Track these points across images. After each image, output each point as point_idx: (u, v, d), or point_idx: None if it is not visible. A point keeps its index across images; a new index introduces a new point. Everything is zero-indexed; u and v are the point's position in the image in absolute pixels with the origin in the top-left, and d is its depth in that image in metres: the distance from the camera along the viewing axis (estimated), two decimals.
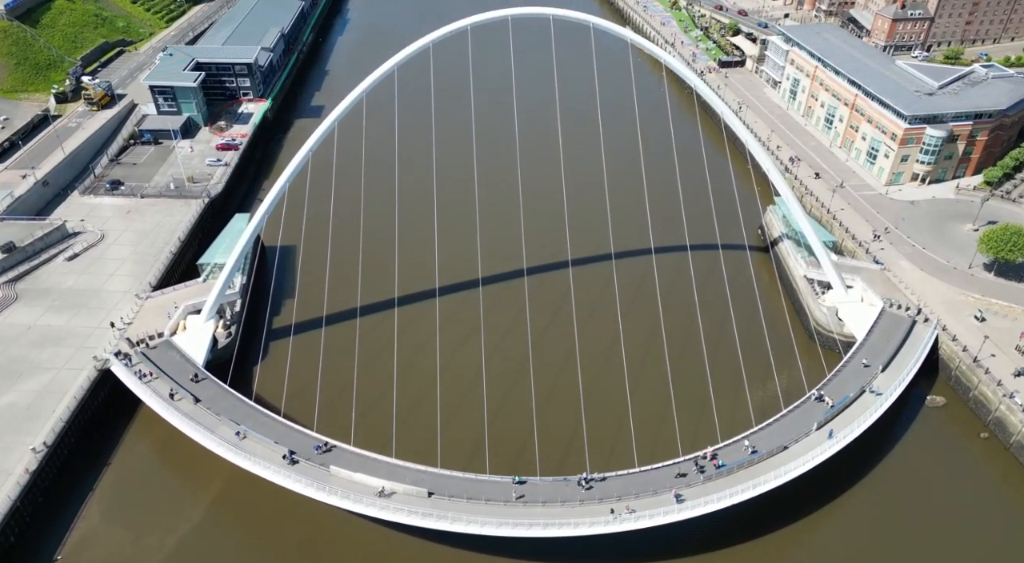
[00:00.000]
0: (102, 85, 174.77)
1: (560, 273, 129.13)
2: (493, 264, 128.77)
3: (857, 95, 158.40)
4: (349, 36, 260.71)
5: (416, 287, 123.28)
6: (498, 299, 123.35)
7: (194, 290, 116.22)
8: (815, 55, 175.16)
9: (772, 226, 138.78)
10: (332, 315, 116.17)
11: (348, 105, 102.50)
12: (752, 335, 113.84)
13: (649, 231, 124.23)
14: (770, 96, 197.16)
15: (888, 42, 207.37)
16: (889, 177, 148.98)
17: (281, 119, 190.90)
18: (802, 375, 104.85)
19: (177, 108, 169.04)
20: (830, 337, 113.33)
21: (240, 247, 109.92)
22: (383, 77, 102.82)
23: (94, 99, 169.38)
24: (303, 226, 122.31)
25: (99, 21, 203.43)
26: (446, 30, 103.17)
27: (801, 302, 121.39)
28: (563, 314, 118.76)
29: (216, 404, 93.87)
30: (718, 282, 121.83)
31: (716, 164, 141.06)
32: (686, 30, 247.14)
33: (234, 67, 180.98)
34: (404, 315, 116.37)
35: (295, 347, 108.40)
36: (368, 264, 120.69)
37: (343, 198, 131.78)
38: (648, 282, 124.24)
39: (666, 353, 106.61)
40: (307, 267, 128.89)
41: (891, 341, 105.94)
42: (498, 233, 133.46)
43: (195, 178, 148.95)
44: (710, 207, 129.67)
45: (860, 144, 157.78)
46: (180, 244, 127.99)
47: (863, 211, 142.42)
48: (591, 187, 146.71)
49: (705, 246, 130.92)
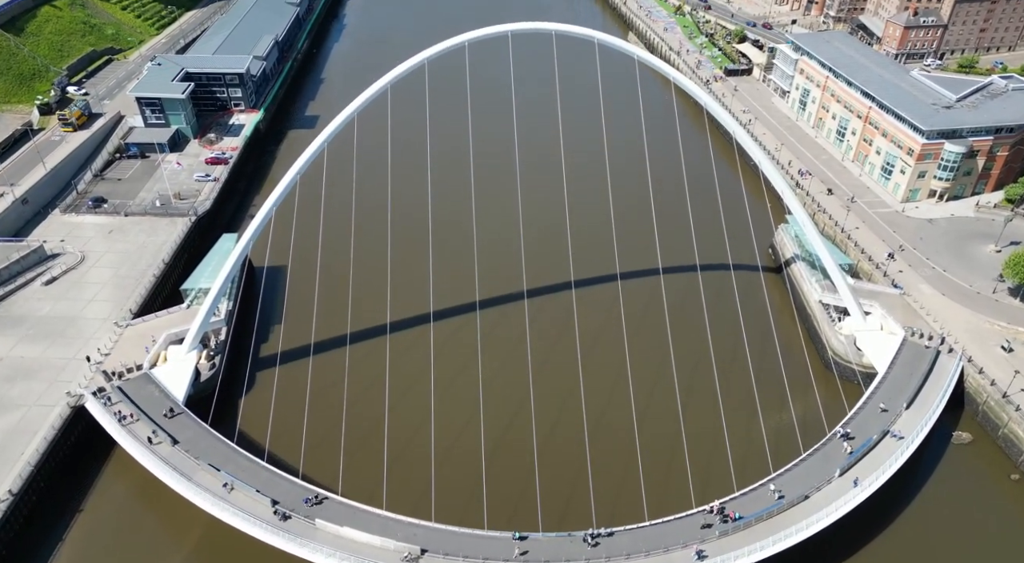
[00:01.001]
0: (79, 104, 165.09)
1: (562, 296, 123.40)
2: (491, 287, 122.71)
3: (871, 108, 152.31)
4: (345, 42, 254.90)
5: (409, 311, 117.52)
6: (496, 325, 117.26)
7: (177, 317, 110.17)
8: (826, 65, 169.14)
9: (784, 246, 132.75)
10: (321, 342, 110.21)
11: (338, 126, 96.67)
12: (766, 364, 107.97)
13: (657, 251, 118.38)
14: (778, 106, 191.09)
15: (900, 50, 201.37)
16: (906, 194, 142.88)
17: (274, 130, 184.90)
18: (820, 408, 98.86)
19: (165, 120, 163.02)
20: (848, 367, 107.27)
21: (226, 271, 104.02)
22: (376, 96, 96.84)
23: (69, 119, 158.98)
24: (291, 246, 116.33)
25: (87, 29, 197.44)
26: (442, 46, 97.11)
27: (816, 329, 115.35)
28: (565, 340, 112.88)
29: (196, 446, 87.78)
30: (729, 306, 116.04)
31: (725, 180, 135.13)
32: (691, 36, 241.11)
33: (225, 77, 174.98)
34: (396, 342, 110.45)
35: (282, 378, 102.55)
36: (359, 287, 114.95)
37: (334, 217, 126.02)
38: (655, 305, 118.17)
39: (676, 384, 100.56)
40: (296, 290, 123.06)
41: (914, 375, 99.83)
42: (496, 254, 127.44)
43: (182, 194, 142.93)
44: (720, 226, 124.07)
45: (874, 158, 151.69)
46: (164, 267, 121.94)
47: (879, 230, 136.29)
48: (595, 205, 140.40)
49: (714, 266, 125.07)
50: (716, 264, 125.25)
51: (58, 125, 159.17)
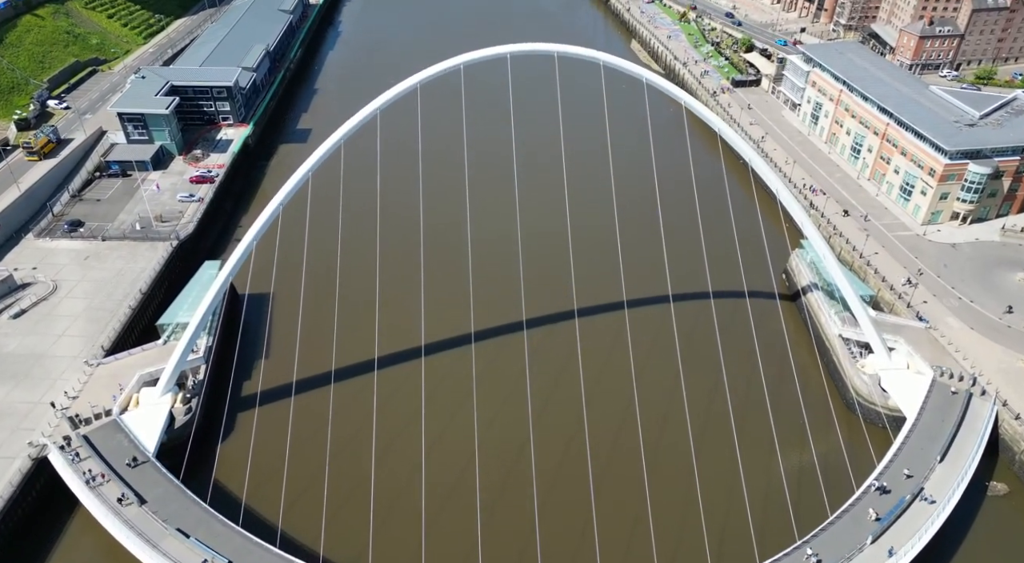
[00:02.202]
0: (45, 131, 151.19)
1: (565, 326, 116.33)
2: (487, 318, 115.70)
3: (888, 124, 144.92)
4: (340, 51, 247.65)
5: (399, 344, 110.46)
6: (493, 359, 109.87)
7: (152, 355, 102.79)
8: (839, 78, 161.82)
9: (799, 272, 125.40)
10: (305, 380, 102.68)
11: (323, 155, 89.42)
12: (784, 402, 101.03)
13: (666, 276, 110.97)
14: (789, 119, 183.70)
15: (914, 60, 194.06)
16: (926, 216, 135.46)
17: (264, 144, 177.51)
18: (844, 455, 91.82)
19: (148, 136, 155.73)
20: (873, 410, 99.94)
21: (205, 305, 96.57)
22: (364, 122, 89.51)
23: (35, 148, 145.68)
24: (273, 273, 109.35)
25: (70, 39, 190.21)
26: (436, 70, 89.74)
27: (836, 365, 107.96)
28: (568, 376, 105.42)
29: (165, 507, 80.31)
30: (742, 338, 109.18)
31: (737, 200, 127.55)
32: (696, 45, 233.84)
33: (212, 90, 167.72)
34: (384, 381, 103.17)
35: (262, 423, 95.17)
36: (345, 319, 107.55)
37: (320, 243, 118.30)
38: (664, 335, 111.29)
39: (688, 426, 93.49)
40: (280, 320, 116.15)
41: (946, 421, 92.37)
42: (493, 282, 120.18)
43: (164, 216, 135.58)
44: (733, 250, 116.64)
45: (892, 178, 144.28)
46: (141, 297, 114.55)
47: (899, 255, 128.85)
48: (599, 228, 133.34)
49: (727, 293, 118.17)
50: (728, 291, 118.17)
51: (22, 154, 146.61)
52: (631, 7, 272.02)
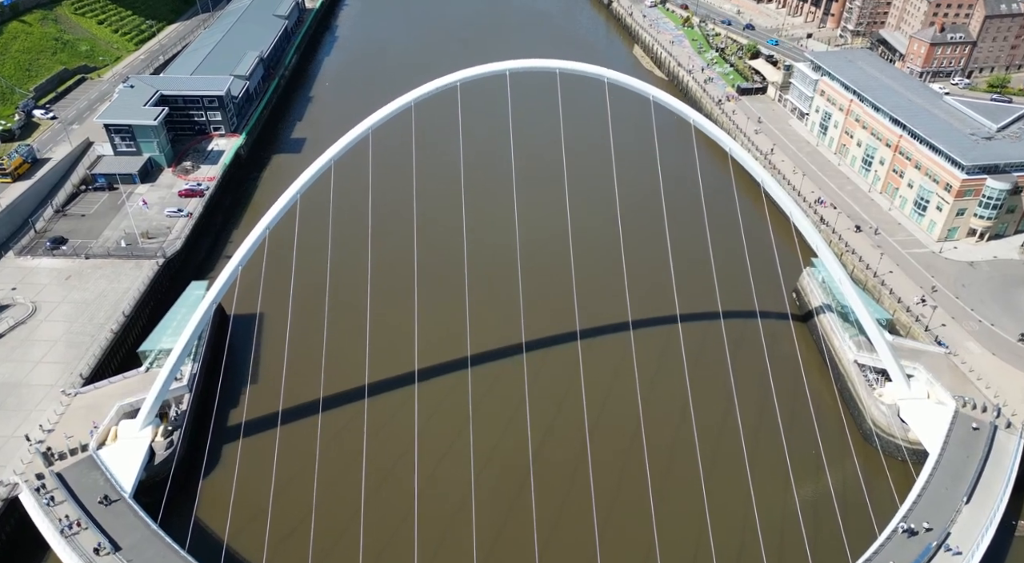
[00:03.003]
0: (20, 151, 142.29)
1: (566, 350, 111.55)
2: (484, 341, 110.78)
3: (901, 136, 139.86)
4: (337, 56, 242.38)
5: (391, 369, 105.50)
6: (491, 386, 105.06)
7: (133, 383, 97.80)
8: (849, 87, 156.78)
9: (810, 292, 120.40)
10: (292, 409, 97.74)
11: (313, 175, 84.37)
12: (798, 432, 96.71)
13: (674, 297, 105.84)
14: (796, 129, 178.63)
15: (925, 68, 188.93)
16: (942, 232, 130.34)
17: (257, 155, 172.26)
18: (864, 491, 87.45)
19: (136, 148, 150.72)
20: (892, 442, 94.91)
21: (189, 331, 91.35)
22: (355, 141, 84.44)
23: (7, 169, 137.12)
24: (260, 296, 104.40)
25: (58, 46, 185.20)
26: (431, 87, 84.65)
27: (852, 393, 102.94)
28: (570, 402, 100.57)
29: (141, 555, 75.26)
30: (753, 362, 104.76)
31: (746, 217, 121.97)
32: (700, 51, 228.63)
33: (203, 100, 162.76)
34: (376, 410, 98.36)
35: (247, 456, 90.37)
36: (335, 345, 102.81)
37: (309, 261, 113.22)
38: (671, 359, 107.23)
39: (698, 456, 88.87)
40: (268, 345, 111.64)
41: (971, 457, 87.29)
42: (491, 305, 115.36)
43: (151, 233, 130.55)
44: (743, 269, 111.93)
45: (906, 192, 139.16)
46: (124, 320, 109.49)
47: (914, 274, 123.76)
48: (602, 246, 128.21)
49: (737, 314, 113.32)
50: (737, 311, 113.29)
51: None
52: (633, 11, 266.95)
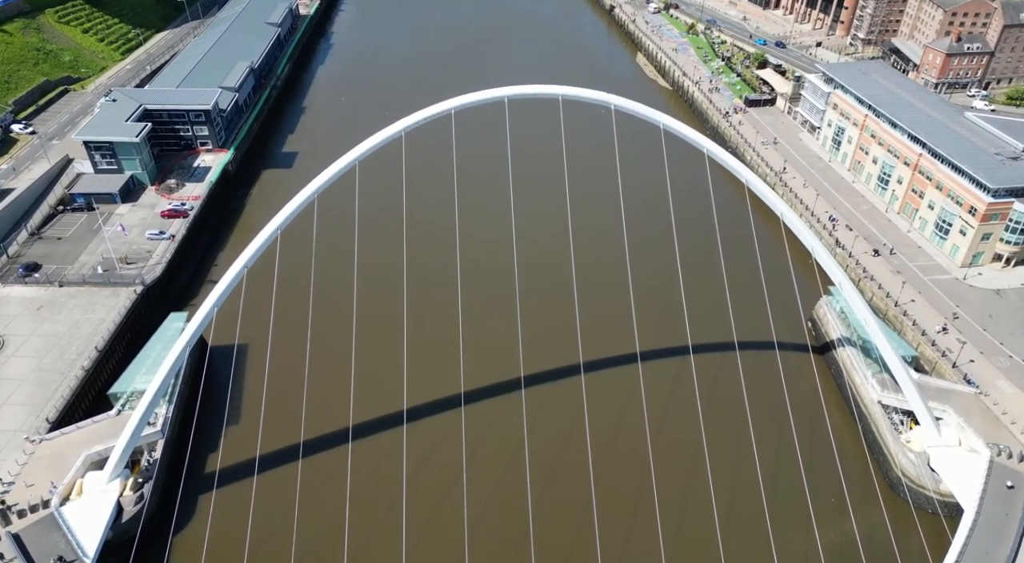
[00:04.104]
0: None
1: (569, 384, 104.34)
2: (480, 376, 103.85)
3: (921, 155, 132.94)
4: (331, 65, 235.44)
5: (377, 410, 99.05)
6: (487, 429, 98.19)
7: (103, 429, 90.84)
8: (864, 101, 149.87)
9: (827, 322, 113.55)
10: (270, 455, 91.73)
11: (295, 210, 77.82)
12: (820, 479, 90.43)
13: (685, 328, 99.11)
14: (807, 143, 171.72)
15: (940, 79, 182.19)
16: (966, 257, 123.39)
17: (246, 170, 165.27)
18: (894, 546, 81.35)
19: (118, 166, 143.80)
20: (922, 493, 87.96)
21: (164, 371, 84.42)
22: (340, 175, 77.60)
23: None
24: (238, 329, 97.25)
25: (40, 56, 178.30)
26: (423, 115, 77.82)
27: (876, 436, 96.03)
28: (573, 445, 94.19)
29: None
30: (770, 399, 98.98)
31: (757, 241, 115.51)
32: (705, 59, 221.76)
33: (189, 114, 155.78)
34: (360, 455, 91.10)
35: (221, 509, 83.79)
36: (318, 382, 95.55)
37: (291, 295, 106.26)
38: (681, 394, 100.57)
39: (713, 503, 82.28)
40: (247, 382, 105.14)
41: (1011, 515, 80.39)
42: (486, 337, 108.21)
43: (130, 257, 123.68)
44: (758, 298, 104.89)
45: (926, 213, 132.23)
46: (97, 356, 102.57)
47: (937, 302, 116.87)
48: (607, 272, 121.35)
49: (751, 345, 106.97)
50: (753, 342, 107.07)
51: None
52: (636, 18, 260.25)
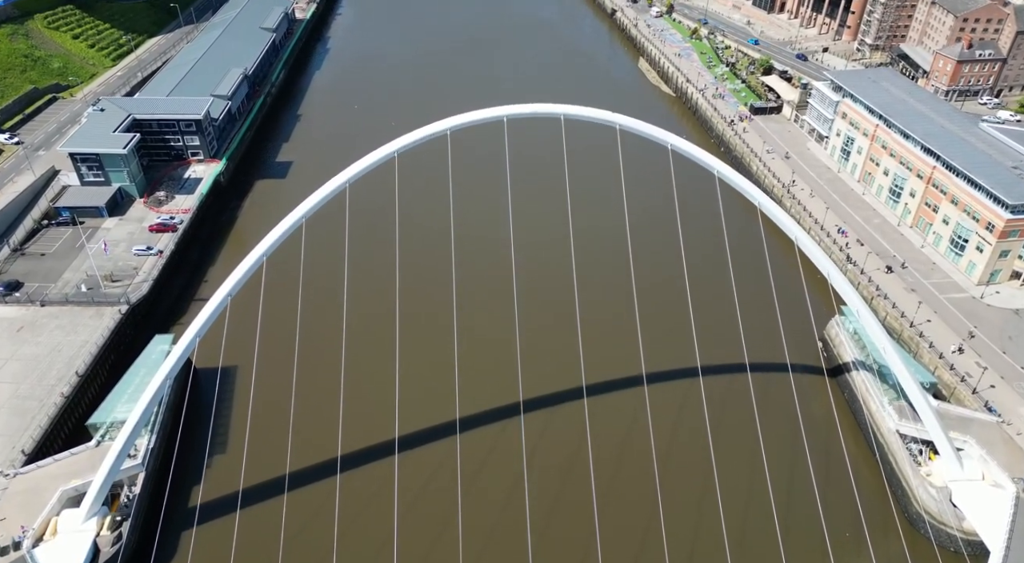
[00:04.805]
0: None
1: (571, 410, 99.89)
2: (476, 402, 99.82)
3: (935, 167, 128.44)
4: (328, 70, 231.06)
5: (368, 440, 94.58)
6: (484, 460, 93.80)
7: (82, 461, 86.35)
8: (875, 111, 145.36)
9: (839, 344, 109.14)
10: (254, 489, 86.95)
11: (280, 236, 73.73)
12: (835, 509, 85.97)
13: (695, 348, 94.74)
14: (815, 152, 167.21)
15: (951, 86, 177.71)
16: (983, 275, 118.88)
17: (239, 180, 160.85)
18: None
19: (105, 178, 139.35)
20: (944, 531, 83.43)
21: (146, 400, 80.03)
22: (330, 197, 73.17)
23: None
24: (222, 353, 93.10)
25: (28, 63, 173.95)
26: (417, 136, 73.34)
27: (894, 467, 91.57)
28: (577, 474, 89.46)
29: None
30: (782, 425, 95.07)
31: (759, 256, 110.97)
32: (709, 65, 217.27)
33: (180, 124, 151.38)
34: (349, 489, 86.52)
35: (202, 548, 79.37)
36: (305, 411, 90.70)
37: (278, 315, 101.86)
38: (689, 418, 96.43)
39: (724, 534, 78.27)
40: (237, 404, 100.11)
41: None
42: (484, 362, 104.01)
43: (115, 274, 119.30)
44: (768, 317, 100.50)
45: (940, 228, 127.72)
46: (77, 382, 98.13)
47: (954, 322, 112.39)
48: (610, 290, 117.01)
49: (761, 367, 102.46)
50: (762, 364, 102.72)
51: None
52: (638, 22, 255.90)
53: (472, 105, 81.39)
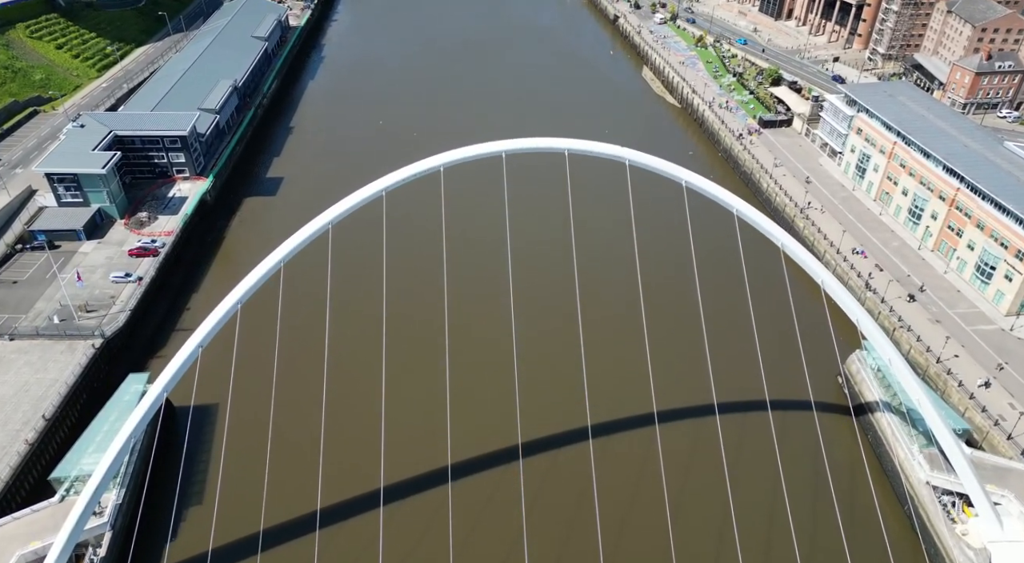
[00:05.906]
0: None
1: (575, 453, 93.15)
2: (471, 449, 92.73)
3: (959, 189, 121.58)
4: (322, 80, 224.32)
5: (351, 491, 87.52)
6: (479, 517, 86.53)
7: (44, 519, 79.40)
8: (892, 128, 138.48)
9: (861, 382, 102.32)
10: (224, 549, 79.63)
11: (254, 285, 67.40)
12: None
13: (711, 385, 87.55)
14: (827, 168, 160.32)
15: (968, 99, 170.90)
16: (1012, 305, 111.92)
17: (226, 198, 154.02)
18: None
19: (84, 198, 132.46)
20: None
21: (115, 451, 73.21)
22: (311, 239, 66.35)
23: None
24: (193, 393, 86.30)
25: (9, 75, 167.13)
26: (408, 172, 66.43)
27: (927, 523, 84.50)
28: (580, 524, 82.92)
29: None
30: (803, 471, 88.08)
31: (778, 288, 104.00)
32: (716, 75, 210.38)
33: (164, 140, 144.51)
34: (330, 552, 78.89)
35: None
36: (283, 461, 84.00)
37: (256, 360, 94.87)
38: (703, 460, 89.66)
39: None
40: (211, 450, 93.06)
41: None
42: (479, 404, 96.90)
43: (91, 304, 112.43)
44: (788, 354, 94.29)
45: (965, 254, 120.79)
46: (45, 426, 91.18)
47: (983, 357, 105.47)
48: (617, 323, 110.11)
49: (779, 406, 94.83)
50: (781, 402, 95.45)
51: None
52: (641, 29, 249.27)
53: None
